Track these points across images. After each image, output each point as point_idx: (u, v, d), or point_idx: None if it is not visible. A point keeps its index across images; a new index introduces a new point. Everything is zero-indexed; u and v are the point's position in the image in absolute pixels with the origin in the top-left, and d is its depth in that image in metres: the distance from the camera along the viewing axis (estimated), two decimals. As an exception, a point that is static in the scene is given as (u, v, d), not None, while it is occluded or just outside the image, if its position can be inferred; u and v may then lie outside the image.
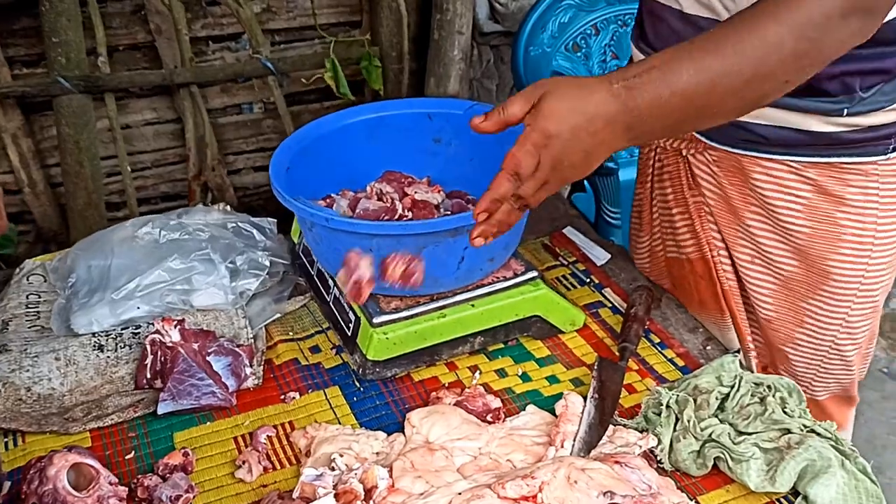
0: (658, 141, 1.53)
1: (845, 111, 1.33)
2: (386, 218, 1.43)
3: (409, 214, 1.45)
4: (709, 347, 1.53)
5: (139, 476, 1.23)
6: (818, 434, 1.28)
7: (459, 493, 1.17)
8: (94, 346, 1.44)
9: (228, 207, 1.74)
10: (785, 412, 1.31)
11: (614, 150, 1.13)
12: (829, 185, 1.39)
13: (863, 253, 1.44)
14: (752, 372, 1.49)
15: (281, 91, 2.55)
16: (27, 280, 1.60)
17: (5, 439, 1.33)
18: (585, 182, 2.04)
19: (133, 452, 1.30)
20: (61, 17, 2.21)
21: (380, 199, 1.49)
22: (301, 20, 2.57)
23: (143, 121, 2.57)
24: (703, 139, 1.46)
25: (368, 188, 1.54)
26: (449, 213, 1.50)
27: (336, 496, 1.15)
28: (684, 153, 1.52)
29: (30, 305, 1.54)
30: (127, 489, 1.21)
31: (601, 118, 1.07)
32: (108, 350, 1.44)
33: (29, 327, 1.49)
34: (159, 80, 2.43)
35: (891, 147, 1.37)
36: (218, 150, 2.63)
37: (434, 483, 1.20)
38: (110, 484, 1.20)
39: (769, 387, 1.35)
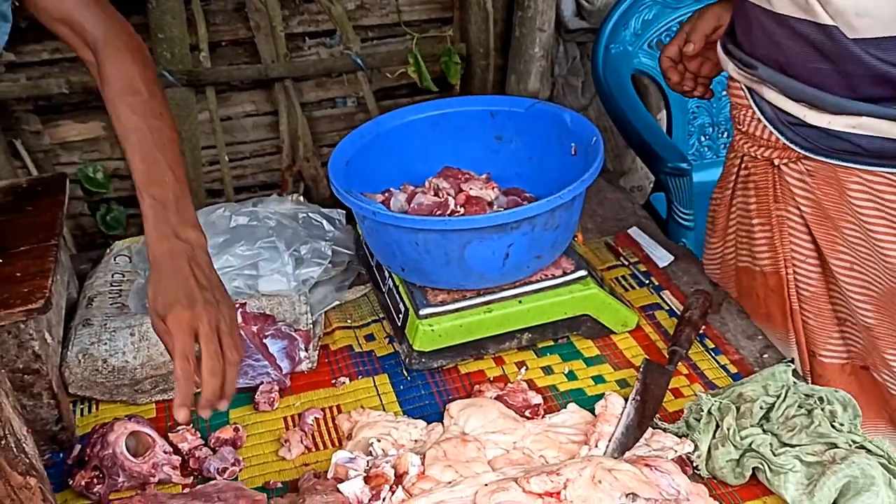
0: (746, 148, 1.47)
1: None
2: (438, 213, 1.47)
3: (462, 210, 1.48)
4: (766, 356, 1.49)
5: (192, 448, 1.32)
6: (868, 451, 1.23)
7: (486, 485, 1.20)
8: (166, 324, 1.54)
9: (302, 198, 1.82)
10: (833, 426, 1.27)
11: None
12: None
13: None
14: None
15: (370, 86, 2.62)
16: (114, 260, 1.73)
17: (81, 406, 1.45)
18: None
19: (192, 425, 1.39)
20: (166, 15, 2.36)
21: (436, 195, 1.53)
22: (393, 17, 2.63)
23: (243, 113, 2.70)
24: (797, 149, 1.38)
25: (426, 183, 1.58)
26: (502, 209, 1.53)
27: (366, 479, 1.21)
28: (776, 163, 1.44)
29: (113, 284, 1.66)
30: (180, 458, 1.31)
31: None
32: (178, 328, 1.54)
33: (111, 304, 1.61)
34: (256, 75, 2.55)
35: None
36: (312, 142, 2.74)
37: (463, 473, 1.23)
38: (165, 452, 1.30)
39: (820, 399, 1.31)
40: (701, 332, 1.52)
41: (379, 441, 1.29)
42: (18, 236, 1.41)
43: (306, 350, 1.50)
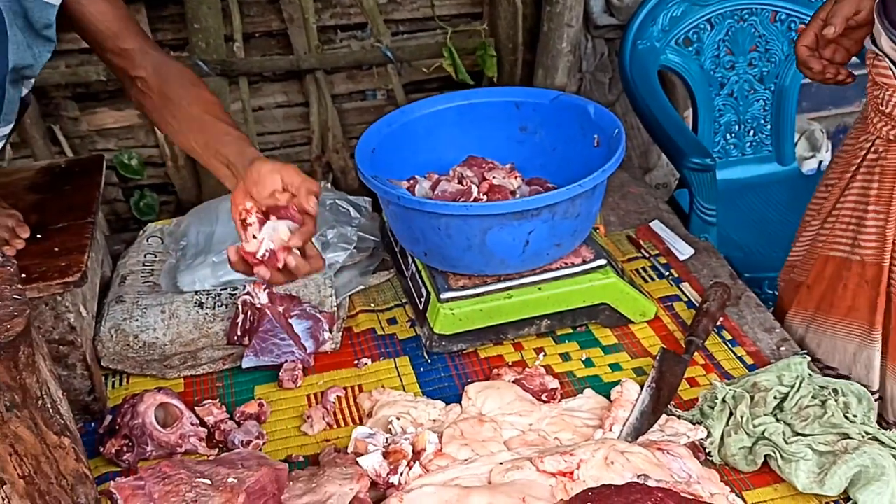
0: (884, 131, 1.42)
1: None
2: (461, 200, 1.50)
3: (484, 198, 1.51)
4: (783, 348, 1.51)
5: (218, 421, 1.36)
6: (881, 442, 1.25)
7: (500, 463, 1.23)
8: (196, 303, 1.59)
9: (329, 185, 1.86)
10: (846, 417, 1.28)
11: None
12: None
13: None
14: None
15: (399, 79, 2.66)
16: (147, 241, 1.79)
17: (112, 379, 1.50)
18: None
19: (219, 400, 1.44)
20: (202, 6, 2.41)
21: (460, 183, 1.56)
22: (423, 11, 2.67)
23: (274, 103, 2.74)
24: None
25: (451, 171, 1.61)
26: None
27: (385, 454, 1.24)
28: None
29: (146, 263, 1.72)
30: (206, 430, 1.35)
31: None
32: (206, 307, 1.59)
33: (143, 283, 1.66)
34: (288, 66, 2.59)
35: None
36: (342, 133, 2.78)
37: (479, 451, 1.26)
38: (192, 424, 1.34)
39: (835, 391, 1.32)
40: (719, 323, 1.54)
41: (398, 419, 1.33)
42: (57, 213, 1.46)
43: (330, 331, 1.54)
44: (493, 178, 1.55)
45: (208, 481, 1.06)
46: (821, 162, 2.70)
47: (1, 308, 0.92)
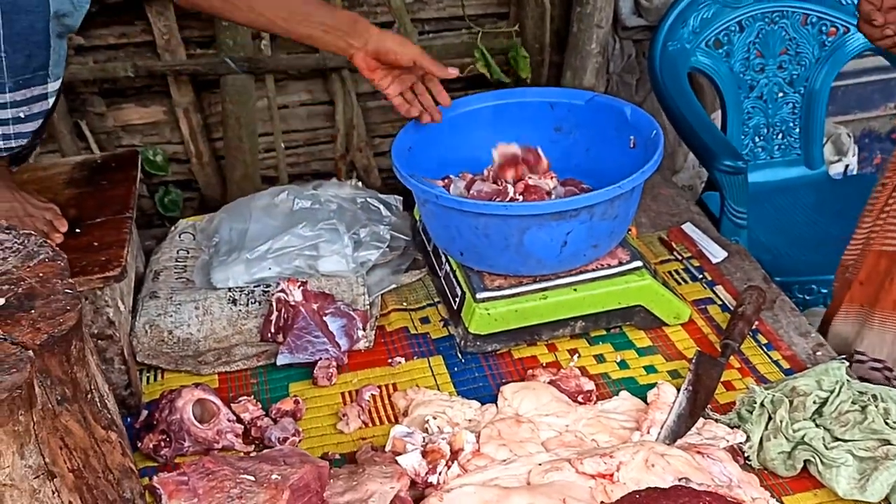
0: None
1: None
2: (497, 200, 1.50)
3: (520, 198, 1.50)
4: (819, 353, 1.50)
5: (254, 417, 1.37)
6: (922, 449, 1.24)
7: (539, 464, 1.23)
8: (229, 299, 1.60)
9: (360, 183, 1.86)
10: (887, 423, 1.27)
11: None
12: None
13: None
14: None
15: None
16: (179, 237, 1.79)
17: (147, 374, 1.51)
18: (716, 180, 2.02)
19: (253, 397, 1.44)
20: (231, 3, 2.42)
21: (495, 183, 1.56)
22: (450, 10, 2.66)
23: (299, 101, 2.75)
24: None
25: (486, 171, 1.61)
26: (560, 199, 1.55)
27: (423, 453, 1.24)
28: None
29: (178, 260, 1.72)
30: (243, 426, 1.35)
31: None
32: (240, 304, 1.59)
33: (176, 279, 1.67)
34: (314, 64, 2.60)
35: None
36: (366, 132, 2.78)
37: (517, 452, 1.26)
38: (229, 420, 1.34)
39: (874, 396, 1.31)
40: (754, 327, 1.53)
41: (434, 418, 1.33)
42: (95, 208, 1.47)
43: (364, 329, 1.53)
44: (529, 178, 1.55)
45: (252, 478, 1.06)
46: (847, 166, 2.68)
47: (53, 302, 0.93)
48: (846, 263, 1.62)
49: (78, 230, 1.40)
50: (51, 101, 1.33)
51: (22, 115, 1.29)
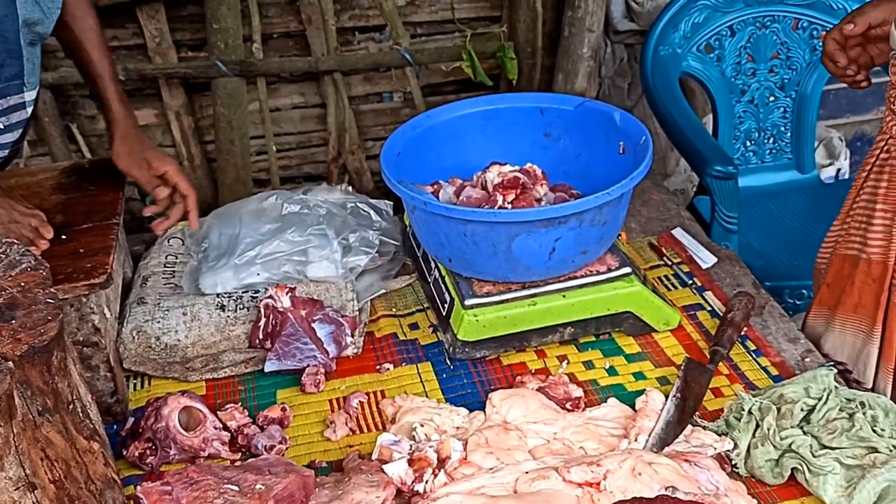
0: (893, 130, 1.47)
1: None
2: (486, 206, 1.49)
3: (509, 206, 1.50)
4: (807, 359, 1.50)
5: (241, 425, 1.36)
6: (910, 457, 1.24)
7: (526, 472, 1.22)
8: (217, 305, 1.59)
9: (350, 188, 1.85)
10: (874, 431, 1.27)
11: None
12: None
13: None
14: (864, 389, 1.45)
15: (417, 81, 2.66)
16: (168, 242, 1.78)
17: (134, 381, 1.50)
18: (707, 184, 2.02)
19: (241, 404, 1.43)
20: (222, 6, 2.41)
21: (484, 189, 1.56)
22: (443, 14, 2.66)
23: (291, 104, 2.74)
24: None
25: (475, 177, 1.60)
26: (549, 205, 1.54)
27: (410, 462, 1.24)
28: None
29: (167, 265, 1.71)
30: (229, 434, 1.35)
31: None
32: (228, 310, 1.58)
33: (164, 284, 1.66)
34: (306, 67, 2.59)
35: None
36: (358, 135, 2.78)
37: (504, 460, 1.25)
38: (215, 428, 1.34)
39: (862, 403, 1.31)
40: (743, 333, 1.53)
41: (422, 426, 1.32)
42: (82, 214, 1.46)
43: (352, 335, 1.53)
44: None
45: (236, 487, 1.05)
46: (839, 170, 2.69)
47: (34, 312, 0.92)
48: (819, 267, 1.64)
49: (64, 236, 1.40)
50: (29, 110, 1.33)
51: (1, 125, 1.29)
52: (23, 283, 0.95)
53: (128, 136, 1.54)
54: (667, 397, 1.36)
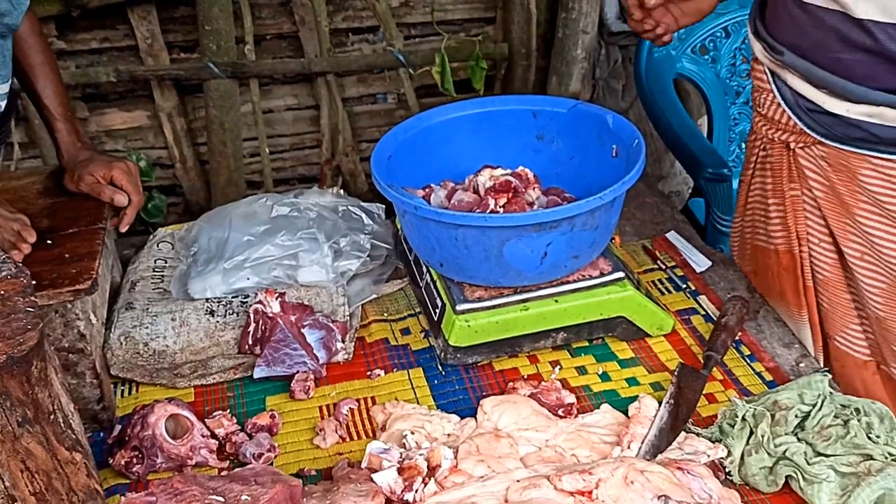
0: (764, 131, 1.55)
1: None
2: (477, 210, 1.48)
3: (501, 210, 1.48)
4: (802, 364, 1.48)
5: (229, 433, 1.34)
6: (905, 464, 1.22)
7: (517, 481, 1.21)
8: (207, 310, 1.57)
9: (342, 191, 1.84)
10: (869, 437, 1.26)
11: None
12: None
13: None
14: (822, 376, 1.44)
15: (411, 83, 2.64)
16: (157, 246, 1.76)
17: (122, 387, 1.48)
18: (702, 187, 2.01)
19: (229, 410, 1.41)
20: (214, 8, 2.40)
21: (475, 192, 1.54)
22: (437, 15, 2.65)
23: (284, 106, 2.73)
24: (812, 134, 1.45)
25: (466, 181, 1.58)
26: (542, 209, 1.53)
27: (400, 470, 1.22)
28: (791, 146, 1.51)
29: (156, 269, 1.69)
30: (217, 442, 1.33)
31: None
32: (217, 315, 1.57)
33: (153, 289, 1.64)
34: (299, 69, 2.58)
35: None
36: (352, 137, 2.76)
37: (495, 468, 1.24)
38: (203, 436, 1.32)
39: (857, 410, 1.30)
40: (737, 338, 1.52)
41: (413, 433, 1.31)
42: (67, 219, 1.45)
43: (343, 341, 1.51)
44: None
45: (221, 499, 1.04)
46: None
47: (14, 321, 0.90)
48: (732, 249, 1.75)
49: (50, 241, 1.38)
50: (2, 104, 1.31)
51: None
52: (2, 292, 0.94)
53: (71, 157, 1.55)
54: (660, 403, 1.35)
